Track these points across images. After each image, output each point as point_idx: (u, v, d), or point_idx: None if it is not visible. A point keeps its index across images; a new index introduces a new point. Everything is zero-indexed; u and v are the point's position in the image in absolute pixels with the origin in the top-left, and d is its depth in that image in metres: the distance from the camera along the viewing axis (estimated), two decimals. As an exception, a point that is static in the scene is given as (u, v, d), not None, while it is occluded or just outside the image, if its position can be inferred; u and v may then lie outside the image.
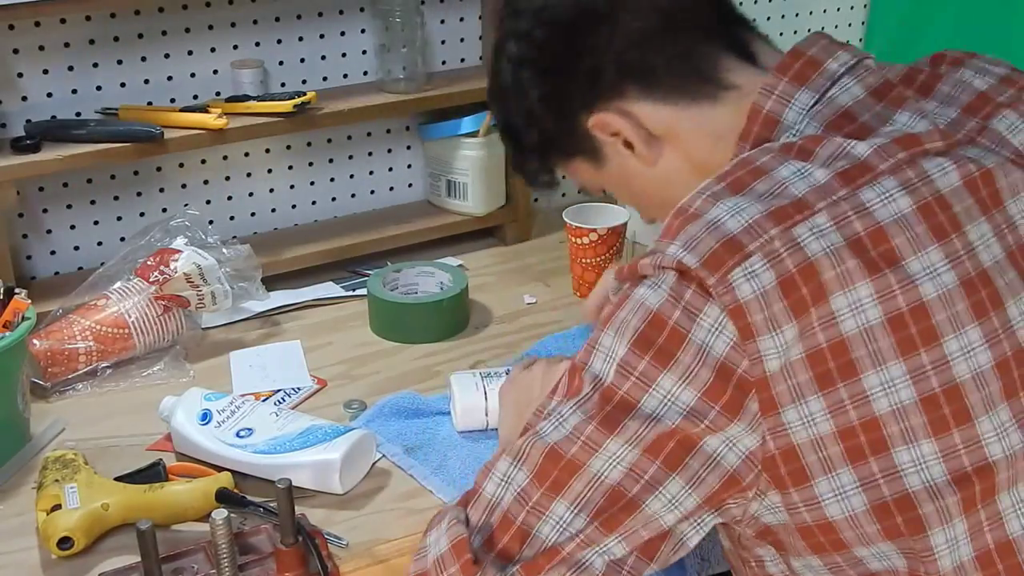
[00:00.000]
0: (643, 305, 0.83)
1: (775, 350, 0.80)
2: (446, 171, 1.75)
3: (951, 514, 0.84)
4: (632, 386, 0.83)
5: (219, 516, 1.01)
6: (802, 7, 2.05)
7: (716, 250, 0.82)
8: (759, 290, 0.80)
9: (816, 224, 0.82)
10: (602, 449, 0.83)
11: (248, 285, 1.53)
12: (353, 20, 1.69)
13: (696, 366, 0.81)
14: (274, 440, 1.19)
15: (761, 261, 0.81)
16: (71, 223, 1.60)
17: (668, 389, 0.82)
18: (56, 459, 1.18)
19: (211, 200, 1.68)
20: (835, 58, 0.94)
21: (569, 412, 0.85)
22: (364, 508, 1.18)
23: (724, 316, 0.80)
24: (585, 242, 1.56)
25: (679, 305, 0.82)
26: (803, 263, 0.81)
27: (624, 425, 0.83)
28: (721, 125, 0.95)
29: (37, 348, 1.36)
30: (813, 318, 0.80)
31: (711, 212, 0.84)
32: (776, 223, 0.82)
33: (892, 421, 0.81)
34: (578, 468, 0.84)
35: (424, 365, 1.45)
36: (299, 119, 1.57)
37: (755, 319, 0.80)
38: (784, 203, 0.83)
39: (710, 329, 0.81)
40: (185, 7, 1.56)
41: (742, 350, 0.80)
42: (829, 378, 0.81)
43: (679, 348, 0.81)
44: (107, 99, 1.55)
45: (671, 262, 0.82)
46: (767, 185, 0.85)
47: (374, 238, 1.70)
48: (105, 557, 1.10)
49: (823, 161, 0.86)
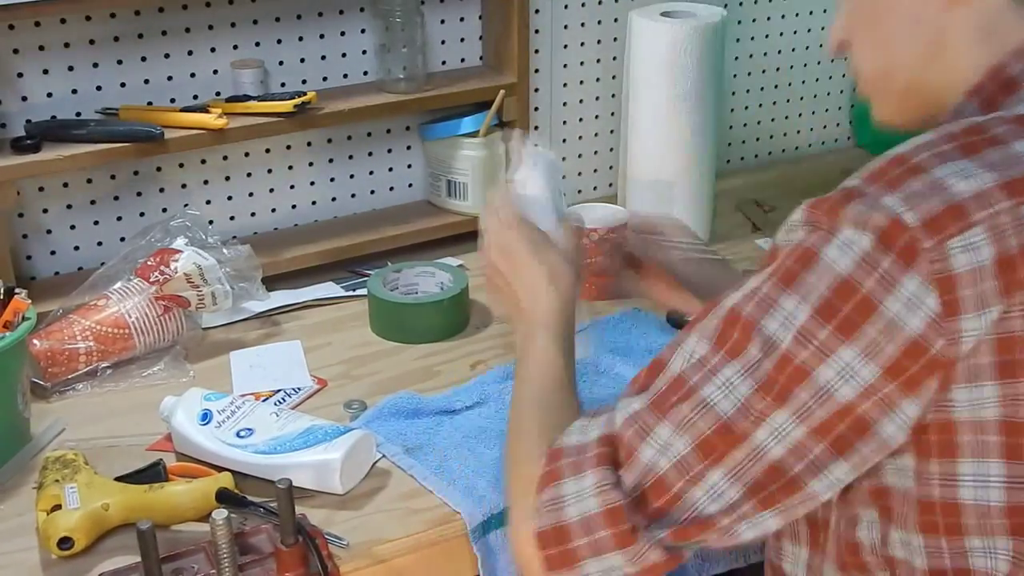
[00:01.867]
0: (833, 271, 0.78)
1: (975, 331, 0.76)
2: (446, 171, 1.75)
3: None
4: (810, 356, 0.78)
5: (219, 516, 1.01)
6: (802, 7, 2.05)
7: (939, 213, 0.76)
8: (975, 264, 0.75)
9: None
10: (768, 420, 0.80)
11: (248, 285, 1.53)
12: (353, 20, 1.69)
13: (883, 340, 0.76)
14: (274, 440, 1.19)
15: (983, 234, 0.76)
16: (71, 223, 1.60)
17: (847, 362, 0.77)
18: (56, 459, 1.18)
19: (211, 200, 1.68)
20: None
21: (738, 378, 0.81)
22: (364, 508, 1.18)
23: (927, 287, 0.75)
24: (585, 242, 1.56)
25: (874, 273, 0.76)
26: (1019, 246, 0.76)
27: (794, 396, 0.79)
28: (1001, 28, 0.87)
29: (37, 348, 1.36)
30: (1016, 300, 0.76)
31: (938, 170, 0.78)
32: (1009, 196, 0.77)
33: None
34: (741, 440, 0.81)
35: (424, 365, 1.45)
36: (299, 119, 1.57)
37: (963, 294, 0.75)
38: (1019, 176, 0.78)
39: (907, 302, 0.76)
40: (185, 7, 1.56)
41: (939, 327, 0.76)
42: (1011, 369, 0.77)
43: (866, 320, 0.77)
44: (107, 99, 1.55)
45: (885, 215, 0.77)
46: (1000, 155, 0.79)
47: (374, 238, 1.70)
48: (105, 557, 1.10)
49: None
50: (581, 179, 1.94)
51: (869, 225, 0.77)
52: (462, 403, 1.33)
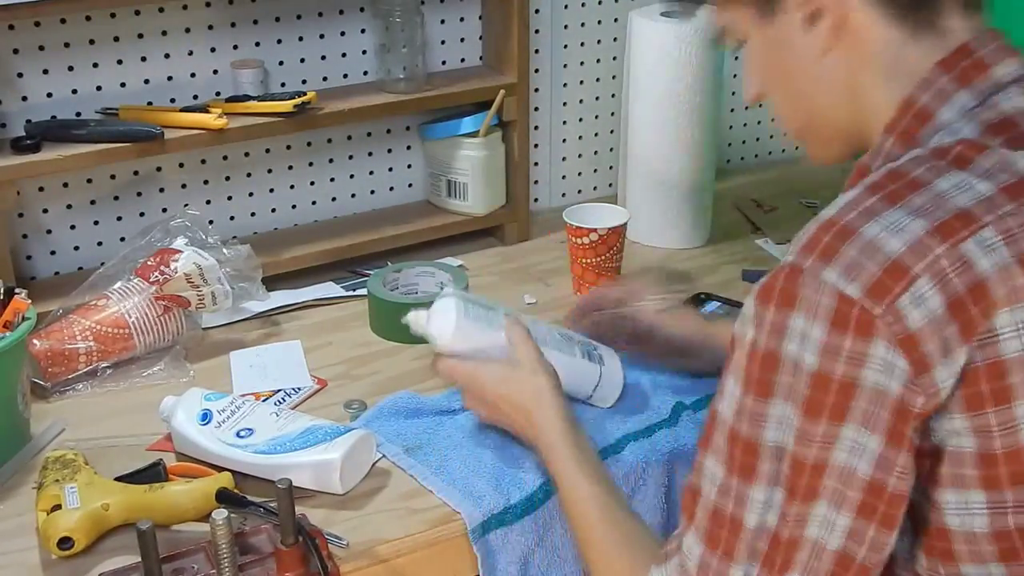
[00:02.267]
0: (800, 367, 0.78)
1: (950, 379, 0.77)
2: (446, 171, 1.75)
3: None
4: (818, 450, 0.79)
5: (219, 516, 1.01)
6: (802, 7, 2.04)
7: (879, 278, 0.76)
8: (929, 315, 0.76)
9: (984, 238, 0.77)
10: (811, 518, 0.80)
11: (248, 285, 1.53)
12: (353, 20, 1.69)
13: (874, 410, 0.77)
14: (274, 440, 1.19)
15: (928, 283, 0.76)
16: (71, 223, 1.60)
17: (852, 439, 0.78)
18: (56, 459, 1.18)
19: (211, 200, 1.68)
20: (1004, 64, 0.88)
21: (766, 494, 0.82)
22: (364, 508, 1.18)
23: (894, 350, 0.76)
24: (585, 242, 1.56)
25: (840, 356, 0.77)
26: (972, 283, 0.77)
27: (823, 488, 0.80)
28: (902, 64, 0.88)
29: (37, 348, 1.36)
30: (976, 339, 0.76)
31: (869, 229, 0.78)
32: (943, 239, 0.77)
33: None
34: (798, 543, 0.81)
35: (424, 365, 1.44)
36: (299, 119, 1.57)
37: (928, 348, 0.76)
38: (947, 217, 0.78)
39: (881, 369, 0.76)
40: (185, 7, 1.56)
41: (916, 385, 0.77)
42: (978, 400, 0.78)
43: (852, 398, 0.77)
44: (107, 99, 1.55)
45: (830, 295, 0.77)
46: (924, 198, 0.79)
47: (374, 238, 1.70)
48: (105, 557, 1.10)
49: (984, 172, 0.81)
50: (581, 179, 1.94)
51: (818, 313, 0.77)
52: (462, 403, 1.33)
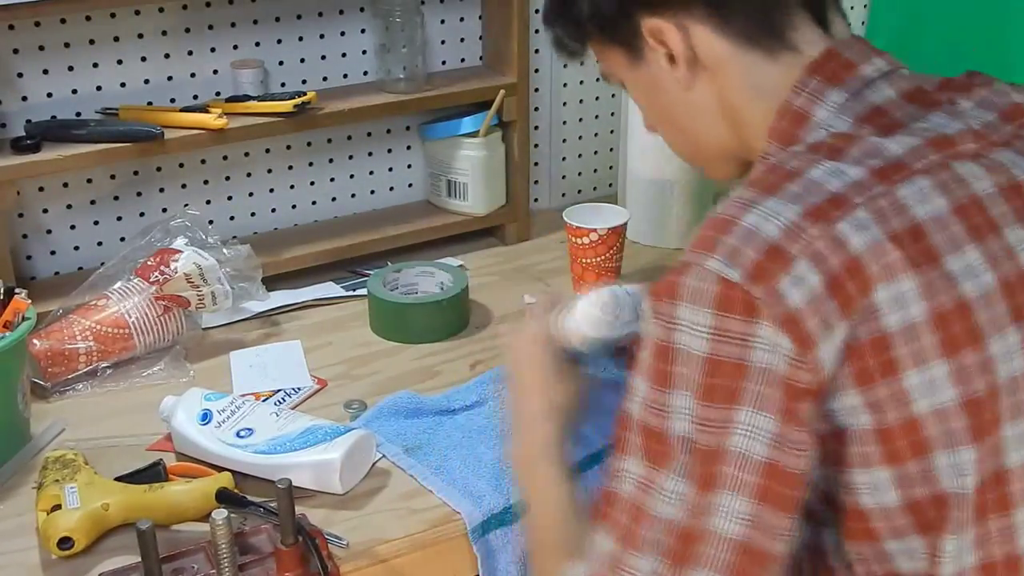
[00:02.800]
0: (691, 354, 0.80)
1: (833, 355, 0.79)
2: (446, 171, 1.75)
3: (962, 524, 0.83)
4: (714, 436, 0.80)
5: (219, 516, 1.01)
6: (802, 7, 2.04)
7: (759, 261, 0.79)
8: (810, 294, 0.78)
9: (857, 218, 0.81)
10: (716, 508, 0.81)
11: (248, 285, 1.53)
12: (353, 20, 1.69)
13: (763, 390, 0.79)
14: (274, 440, 1.19)
15: (806, 264, 0.79)
16: (71, 223, 1.60)
17: (746, 423, 0.79)
18: (56, 459, 1.18)
19: (211, 200, 1.68)
20: (870, 63, 0.93)
21: (674, 484, 0.82)
22: (364, 508, 1.18)
23: (777, 330, 0.78)
24: (585, 242, 1.56)
25: (728, 339, 0.79)
26: (847, 261, 0.79)
27: (721, 475, 0.80)
28: (767, 82, 0.93)
29: (37, 348, 1.36)
30: (857, 313, 0.79)
31: (747, 218, 0.81)
32: (816, 221, 0.80)
33: (933, 423, 0.80)
34: (703, 535, 0.81)
35: (424, 365, 1.45)
36: (299, 119, 1.57)
37: (810, 325, 0.78)
38: (820, 201, 0.81)
39: (767, 350, 0.78)
40: (185, 7, 1.56)
41: (801, 362, 0.78)
42: (867, 375, 0.80)
43: (743, 379, 0.79)
44: (107, 99, 1.55)
45: (713, 279, 0.79)
46: (800, 186, 0.83)
47: (374, 238, 1.70)
48: (105, 557, 1.10)
49: (855, 159, 0.85)
50: (581, 179, 1.94)
51: (704, 300, 0.80)
52: (462, 402, 1.34)
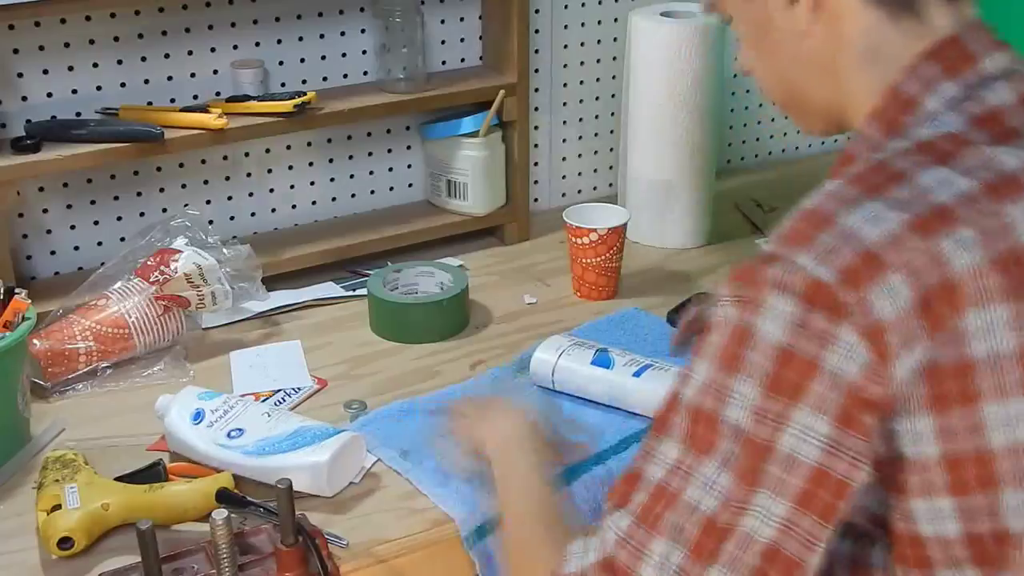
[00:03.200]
0: (770, 343, 0.77)
1: (909, 373, 0.76)
2: (446, 171, 1.75)
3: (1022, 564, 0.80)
4: (770, 430, 0.78)
5: (219, 516, 1.01)
6: (802, 7, 2.04)
7: (854, 263, 0.76)
8: (900, 308, 0.76)
9: (961, 237, 0.77)
10: (751, 506, 0.78)
11: (248, 285, 1.53)
12: (353, 20, 1.69)
13: (827, 392, 0.76)
14: (263, 441, 1.19)
15: (902, 277, 0.76)
16: (71, 223, 1.60)
17: (803, 423, 0.77)
18: (56, 459, 1.18)
19: (211, 200, 1.68)
20: (991, 57, 0.87)
21: (716, 474, 0.79)
22: (364, 508, 1.18)
23: (858, 337, 0.76)
24: (585, 242, 1.56)
25: (807, 334, 0.76)
26: (944, 280, 0.76)
27: (766, 473, 0.78)
28: (885, 47, 0.88)
29: (37, 348, 1.36)
30: (947, 339, 0.76)
31: (847, 218, 0.78)
32: (919, 234, 0.77)
33: (1006, 458, 0.78)
34: (731, 531, 0.79)
35: (424, 365, 1.45)
36: (299, 119, 1.57)
37: (892, 339, 0.75)
38: (926, 212, 0.78)
39: (843, 354, 0.76)
40: (185, 7, 1.56)
41: (876, 374, 0.76)
42: (944, 400, 0.77)
43: (811, 378, 0.77)
44: (107, 99, 1.55)
45: (802, 278, 0.77)
46: (907, 192, 0.79)
47: (374, 238, 1.70)
48: (105, 557, 1.10)
49: (967, 169, 0.80)
50: (581, 179, 1.94)
51: (789, 290, 0.77)
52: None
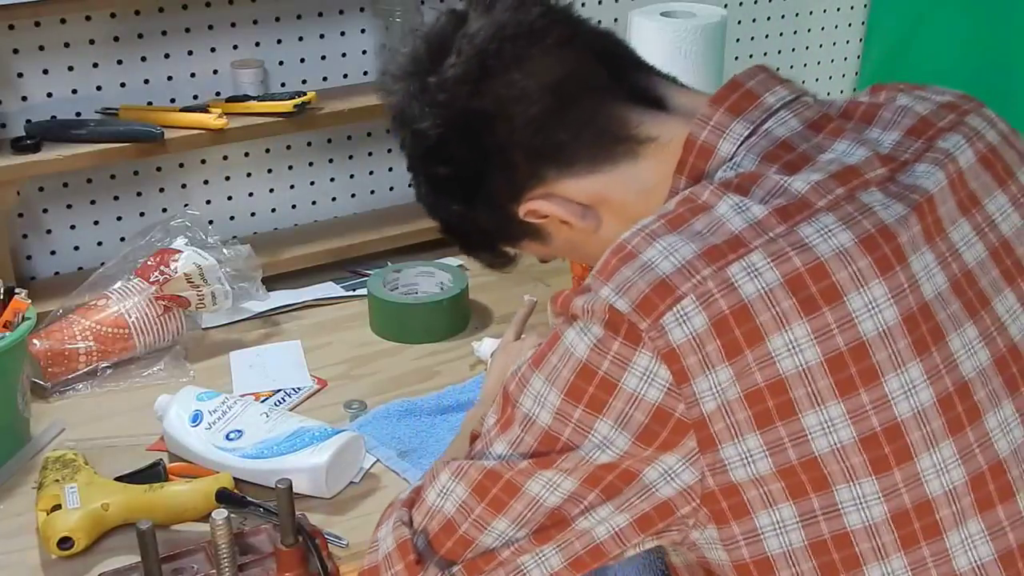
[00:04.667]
0: (572, 355, 0.83)
1: (710, 391, 0.80)
2: (446, 171, 1.74)
3: (887, 552, 0.83)
4: (571, 432, 0.83)
5: (219, 516, 1.01)
6: (802, 7, 2.05)
7: (648, 294, 0.81)
8: (692, 333, 0.80)
9: (751, 263, 0.81)
10: (537, 475, 0.84)
11: (248, 285, 1.53)
12: (353, 20, 1.69)
13: (629, 411, 0.81)
14: (262, 443, 1.19)
15: (693, 304, 0.80)
16: (71, 223, 1.60)
17: (604, 434, 0.82)
18: (56, 459, 1.18)
19: (211, 200, 1.68)
20: (772, 92, 0.92)
21: (506, 451, 0.86)
22: (364, 508, 1.18)
23: (656, 362, 0.80)
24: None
25: (607, 356, 0.81)
26: (737, 304, 0.80)
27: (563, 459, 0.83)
28: (648, 178, 0.94)
29: (37, 348, 1.36)
30: (749, 359, 0.80)
31: (646, 252, 0.83)
32: (709, 263, 0.81)
33: (832, 460, 0.81)
34: (517, 490, 0.85)
35: (424, 365, 1.45)
36: (299, 119, 1.57)
37: (689, 362, 0.80)
38: (718, 241, 0.82)
39: (642, 377, 0.81)
40: (185, 7, 1.56)
41: (678, 394, 0.80)
42: (767, 416, 0.80)
43: (611, 396, 0.81)
44: (107, 99, 1.55)
45: (602, 306, 0.82)
46: (704, 222, 0.84)
47: (374, 238, 1.70)
48: (105, 557, 1.10)
49: (760, 198, 0.85)
50: (581, 179, 1.94)
51: (594, 317, 0.82)
52: (455, 400, 1.34)
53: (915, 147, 0.90)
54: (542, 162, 0.95)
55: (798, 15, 2.05)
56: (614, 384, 0.81)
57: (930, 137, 0.91)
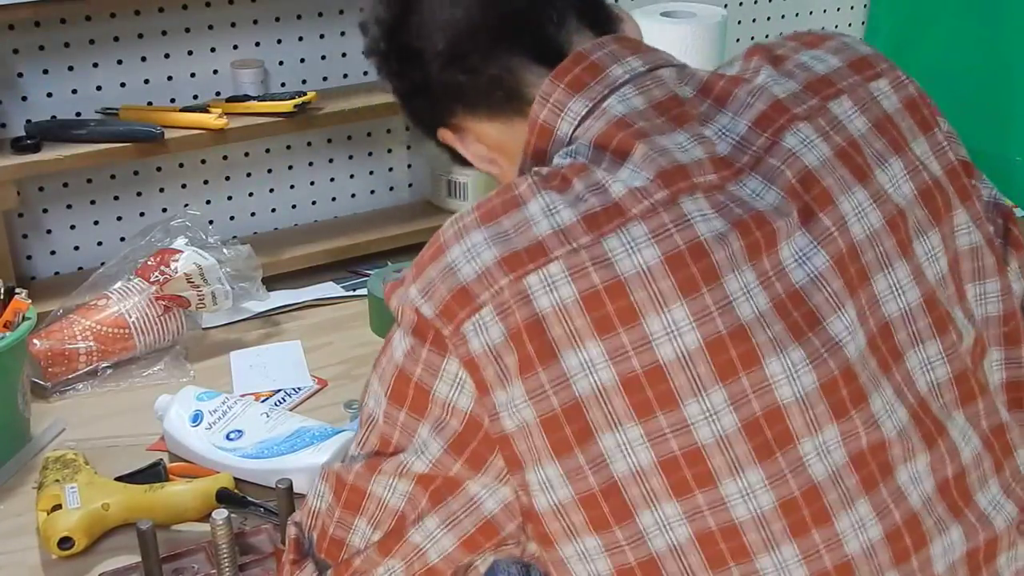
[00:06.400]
0: (392, 359, 0.83)
1: (507, 406, 0.78)
2: (446, 171, 1.75)
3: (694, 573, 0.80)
4: (399, 435, 0.83)
5: (219, 516, 1.01)
6: (802, 7, 2.05)
7: (448, 301, 0.79)
8: (489, 344, 0.78)
9: (549, 274, 0.78)
10: (376, 476, 0.84)
11: (248, 285, 1.53)
12: (353, 20, 1.68)
13: (446, 417, 0.80)
14: (262, 444, 1.19)
15: (491, 314, 0.78)
16: (71, 223, 1.60)
17: (424, 438, 0.81)
18: (56, 459, 1.18)
19: (211, 200, 1.68)
20: (622, 63, 0.87)
21: (355, 449, 0.87)
22: (364, 508, 1.18)
23: (462, 370, 0.79)
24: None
25: (419, 363, 0.81)
26: (530, 318, 0.77)
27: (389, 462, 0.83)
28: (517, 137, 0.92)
29: (37, 348, 1.36)
30: (543, 379, 0.77)
31: (452, 252, 0.80)
32: (508, 271, 0.78)
33: (632, 484, 0.78)
34: (364, 491, 0.85)
35: (424, 365, 1.45)
36: (299, 119, 1.57)
37: (487, 374, 0.78)
38: (519, 248, 0.79)
39: (452, 384, 0.80)
40: (185, 7, 1.56)
41: (482, 405, 0.79)
42: (566, 444, 0.78)
43: (428, 401, 0.81)
44: (107, 99, 1.55)
45: (411, 308, 0.81)
46: (513, 221, 0.80)
47: (374, 238, 1.70)
48: (105, 557, 1.10)
49: (574, 198, 0.80)
50: (581, 179, 1.94)
51: (404, 321, 0.82)
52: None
53: (758, 144, 0.83)
54: (450, 99, 0.94)
55: (798, 15, 2.05)
56: (427, 391, 0.81)
57: (778, 129, 0.84)
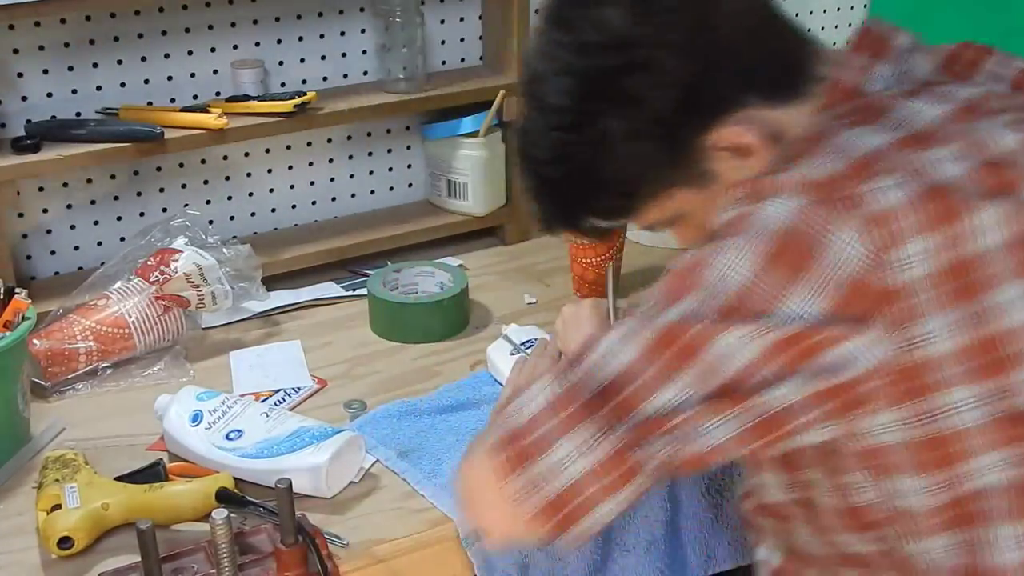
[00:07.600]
0: (766, 228, 0.83)
1: (909, 260, 0.82)
2: (446, 171, 1.75)
3: None
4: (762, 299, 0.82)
5: (219, 516, 1.01)
6: (802, 7, 2.05)
7: (844, 170, 0.84)
8: (893, 203, 0.82)
9: (941, 153, 0.86)
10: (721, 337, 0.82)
11: (248, 285, 1.53)
12: (353, 20, 1.69)
13: (828, 280, 0.81)
14: (262, 443, 1.19)
15: (891, 180, 0.83)
16: (71, 223, 1.60)
17: (798, 303, 0.81)
18: (56, 459, 1.18)
19: (211, 200, 1.68)
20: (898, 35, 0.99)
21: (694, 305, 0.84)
22: (363, 508, 1.18)
23: (860, 228, 0.82)
24: (585, 242, 1.56)
25: (807, 222, 0.82)
26: (932, 185, 0.84)
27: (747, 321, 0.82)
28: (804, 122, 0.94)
29: (37, 348, 1.36)
30: (946, 234, 0.83)
31: (836, 139, 0.87)
32: (904, 148, 0.86)
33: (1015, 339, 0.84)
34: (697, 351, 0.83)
35: (424, 365, 1.45)
36: (299, 119, 1.57)
37: (892, 228, 0.82)
38: (908, 134, 0.87)
39: (844, 244, 0.81)
40: (185, 7, 1.56)
41: (878, 260, 0.81)
42: (957, 294, 0.83)
43: (811, 263, 0.82)
44: (107, 99, 1.55)
45: (795, 183, 0.84)
46: (888, 120, 0.89)
47: (374, 238, 1.70)
48: (105, 557, 1.10)
49: (928, 102, 0.90)
50: (581, 179, 1.94)
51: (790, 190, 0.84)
52: (454, 399, 1.34)
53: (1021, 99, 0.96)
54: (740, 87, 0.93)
55: (798, 15, 2.05)
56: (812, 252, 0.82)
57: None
